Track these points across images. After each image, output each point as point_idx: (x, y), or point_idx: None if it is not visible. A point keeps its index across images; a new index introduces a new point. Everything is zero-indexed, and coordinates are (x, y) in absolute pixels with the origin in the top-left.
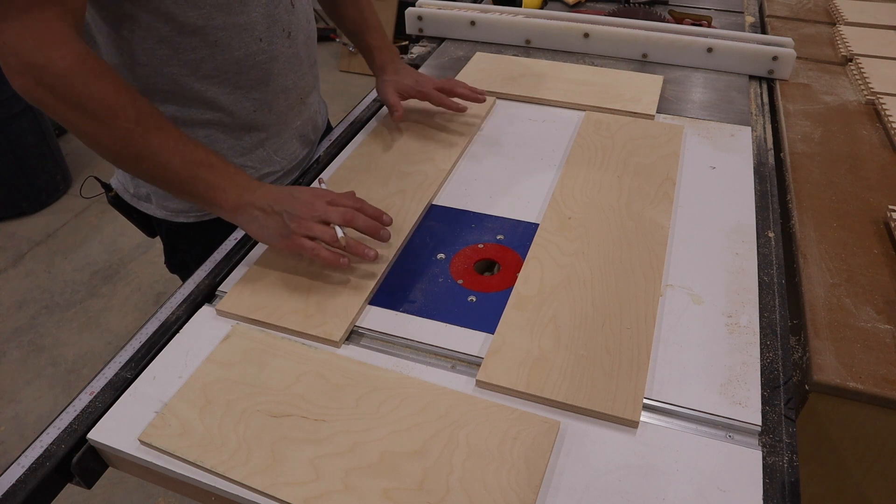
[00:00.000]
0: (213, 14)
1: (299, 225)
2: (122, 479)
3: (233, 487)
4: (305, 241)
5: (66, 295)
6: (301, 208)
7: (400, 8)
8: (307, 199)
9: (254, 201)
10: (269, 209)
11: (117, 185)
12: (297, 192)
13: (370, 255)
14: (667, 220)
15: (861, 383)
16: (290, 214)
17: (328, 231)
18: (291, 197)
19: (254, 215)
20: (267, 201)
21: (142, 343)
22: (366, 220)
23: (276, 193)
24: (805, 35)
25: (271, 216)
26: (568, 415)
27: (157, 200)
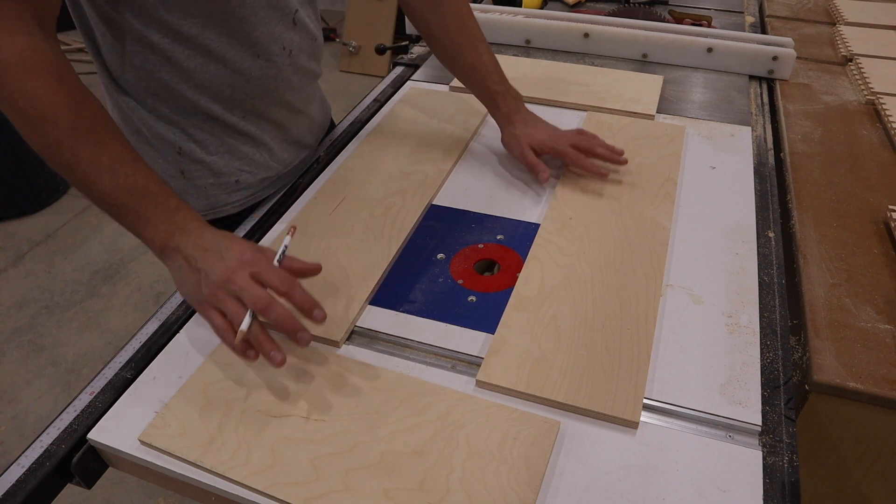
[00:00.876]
0: (207, 24)
1: (212, 294)
2: (122, 479)
3: (233, 487)
4: (215, 314)
5: (66, 295)
6: (220, 275)
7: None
8: (231, 266)
9: (182, 247)
10: (193, 262)
11: None
12: (227, 252)
13: (275, 359)
14: (668, 220)
15: (861, 383)
16: (208, 278)
17: (238, 313)
18: (219, 256)
19: (178, 263)
20: (194, 252)
21: (142, 343)
22: (282, 314)
23: (205, 245)
24: (805, 35)
25: (192, 271)
26: (568, 415)
27: None
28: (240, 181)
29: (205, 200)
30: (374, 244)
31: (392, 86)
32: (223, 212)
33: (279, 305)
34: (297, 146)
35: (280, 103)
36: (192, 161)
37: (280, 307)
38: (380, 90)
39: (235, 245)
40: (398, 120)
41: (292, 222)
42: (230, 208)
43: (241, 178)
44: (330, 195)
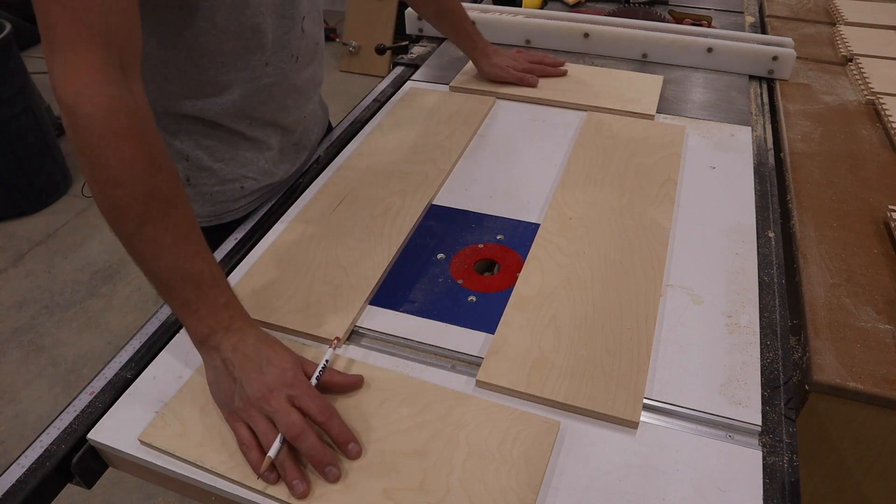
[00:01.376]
0: (224, 40)
1: (245, 409)
2: (122, 479)
3: (233, 487)
4: (242, 428)
5: (66, 295)
6: (256, 391)
7: (400, 8)
8: (269, 384)
9: (222, 348)
10: (231, 368)
11: None
12: (268, 366)
13: (297, 490)
14: (668, 220)
15: (861, 383)
16: (244, 391)
17: (267, 434)
18: (258, 369)
19: (215, 363)
20: (233, 357)
21: (142, 343)
22: (314, 445)
23: (247, 352)
24: (805, 35)
25: (227, 377)
26: (568, 415)
27: None
28: (244, 187)
29: (209, 207)
30: (374, 244)
31: (392, 86)
32: (227, 217)
33: (312, 435)
34: (298, 150)
35: (285, 109)
36: (199, 168)
37: (313, 437)
38: (380, 90)
39: (277, 359)
40: (398, 120)
41: (293, 222)
42: (234, 214)
43: (245, 185)
44: (330, 195)
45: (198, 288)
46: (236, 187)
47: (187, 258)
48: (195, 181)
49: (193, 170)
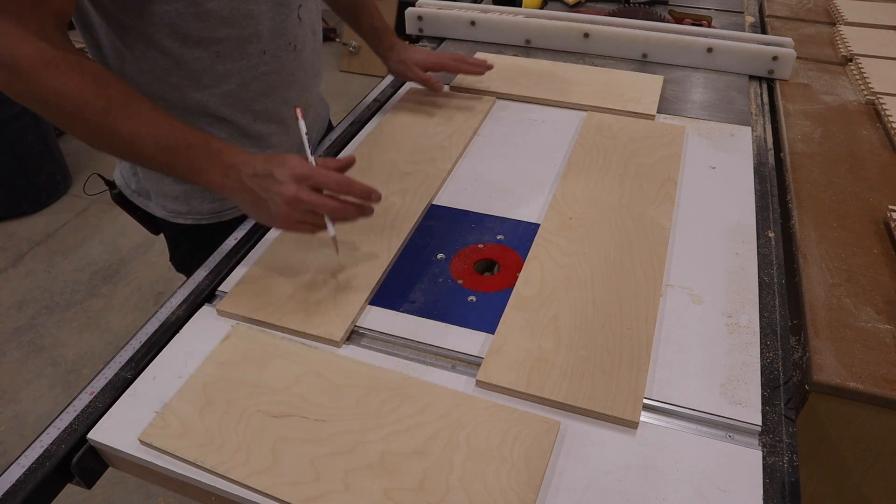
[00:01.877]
0: (217, 27)
1: (288, 216)
2: (122, 479)
3: (233, 487)
4: (301, 227)
5: (66, 295)
6: (286, 198)
7: (400, 8)
8: (291, 188)
9: (241, 183)
10: (256, 194)
11: (120, 182)
12: (280, 175)
13: (374, 199)
14: (668, 220)
15: (861, 383)
16: (276, 204)
17: (318, 223)
18: (275, 181)
19: (243, 198)
20: (251, 184)
21: (142, 343)
22: (352, 208)
23: (258, 173)
24: (805, 35)
25: (259, 201)
26: (568, 415)
27: (156, 200)
28: None
29: (210, 204)
30: (374, 244)
31: (392, 86)
32: (228, 215)
33: (347, 203)
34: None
35: (286, 102)
36: None
37: (348, 204)
38: (380, 90)
39: (283, 166)
40: (398, 120)
41: None
42: (235, 211)
43: None
44: None
45: (189, 150)
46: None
47: (168, 135)
48: None
49: None
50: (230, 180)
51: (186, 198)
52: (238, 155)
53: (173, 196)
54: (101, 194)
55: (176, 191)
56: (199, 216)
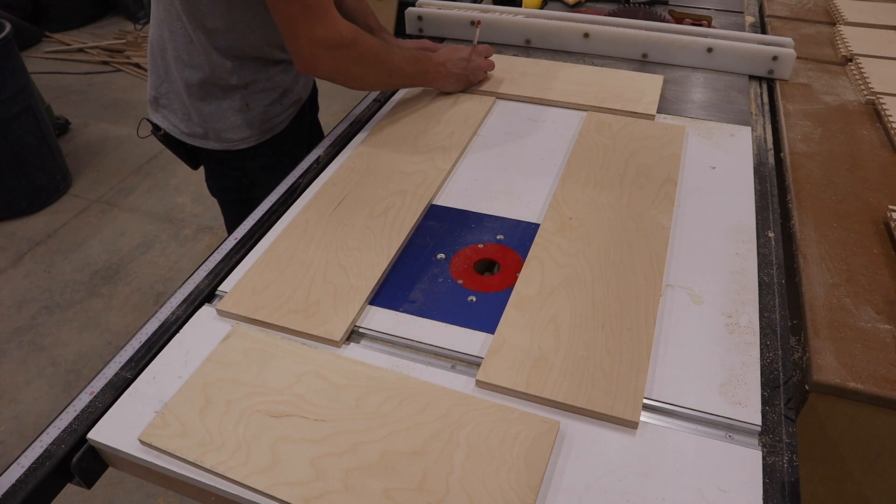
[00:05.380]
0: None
1: (468, 81)
2: (122, 479)
3: (233, 487)
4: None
5: (66, 295)
6: (464, 78)
7: (400, 8)
8: (463, 73)
9: (447, 72)
10: (453, 78)
11: (168, 127)
12: (457, 69)
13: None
14: (668, 220)
15: (861, 383)
16: (463, 78)
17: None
18: (457, 64)
19: (449, 81)
20: (450, 68)
21: (142, 343)
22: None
23: (449, 69)
24: (805, 35)
25: (456, 79)
26: (568, 415)
27: (215, 135)
28: (283, 102)
29: (260, 126)
30: (374, 244)
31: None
32: (272, 132)
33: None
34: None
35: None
36: (255, 92)
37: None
38: (380, 90)
39: (458, 61)
40: (398, 120)
41: (293, 222)
42: (278, 127)
43: (284, 100)
44: (330, 195)
45: (419, 63)
46: (278, 109)
47: (407, 57)
48: (253, 105)
49: (251, 95)
50: (442, 75)
51: (242, 128)
52: (438, 57)
53: (232, 127)
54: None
55: (234, 122)
56: (250, 139)
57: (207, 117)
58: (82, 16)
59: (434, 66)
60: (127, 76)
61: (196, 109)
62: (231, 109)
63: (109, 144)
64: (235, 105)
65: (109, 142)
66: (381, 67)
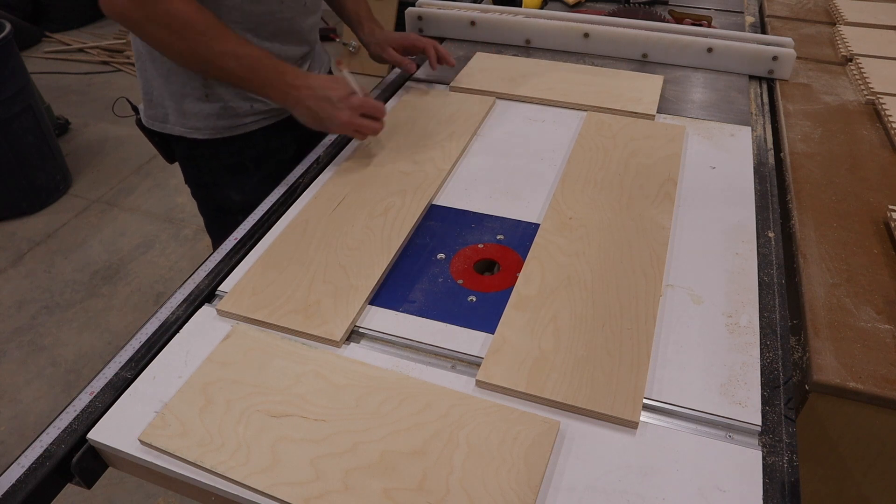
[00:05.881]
0: None
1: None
2: (122, 479)
3: (233, 487)
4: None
5: (66, 295)
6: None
7: (400, 8)
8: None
9: (301, 101)
10: (315, 112)
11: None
12: (338, 101)
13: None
14: (668, 220)
15: (861, 383)
16: (333, 123)
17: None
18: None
19: (303, 112)
20: (312, 105)
21: (142, 343)
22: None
23: (317, 96)
24: (805, 35)
25: (318, 119)
26: (568, 415)
27: (174, 119)
28: (254, 106)
29: (225, 120)
30: (374, 244)
31: (392, 86)
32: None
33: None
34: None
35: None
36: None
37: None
38: (380, 90)
39: (340, 94)
40: (398, 120)
41: (293, 221)
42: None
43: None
44: (330, 195)
45: (262, 69)
46: (246, 106)
47: (248, 54)
48: (213, 96)
49: (216, 83)
50: (291, 98)
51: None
52: (299, 78)
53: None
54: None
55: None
56: (214, 131)
57: (168, 98)
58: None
59: (287, 85)
60: (127, 76)
61: (158, 89)
62: (192, 96)
63: (109, 144)
64: (196, 92)
65: (109, 142)
66: (192, 43)
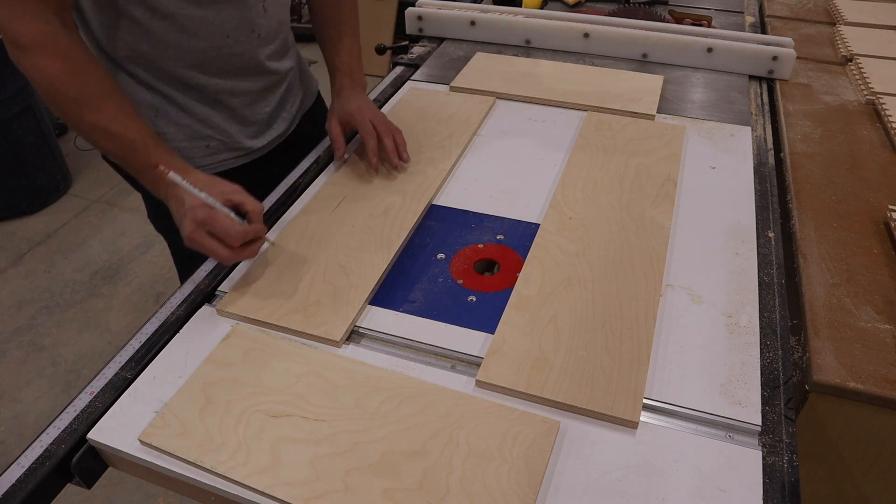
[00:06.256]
0: (183, 5)
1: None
2: (122, 479)
3: (233, 487)
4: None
5: (66, 295)
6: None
7: (400, 8)
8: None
9: (166, 199)
10: (175, 214)
11: None
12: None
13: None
14: (668, 220)
15: (861, 383)
16: (183, 233)
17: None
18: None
19: (169, 207)
20: (174, 208)
21: (142, 343)
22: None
23: (177, 195)
24: (805, 35)
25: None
26: (568, 415)
27: None
28: (210, 146)
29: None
30: (374, 244)
31: (392, 86)
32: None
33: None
34: (270, 122)
35: (251, 78)
36: (169, 123)
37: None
38: (380, 90)
39: (193, 201)
40: (398, 120)
41: (293, 221)
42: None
43: (211, 144)
44: (330, 195)
45: (135, 154)
46: (202, 145)
47: (120, 133)
48: (166, 136)
49: (164, 125)
50: (161, 193)
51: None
52: (165, 181)
53: None
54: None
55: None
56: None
57: None
58: None
59: (157, 177)
60: None
61: None
62: None
63: None
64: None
65: None
66: (62, 109)
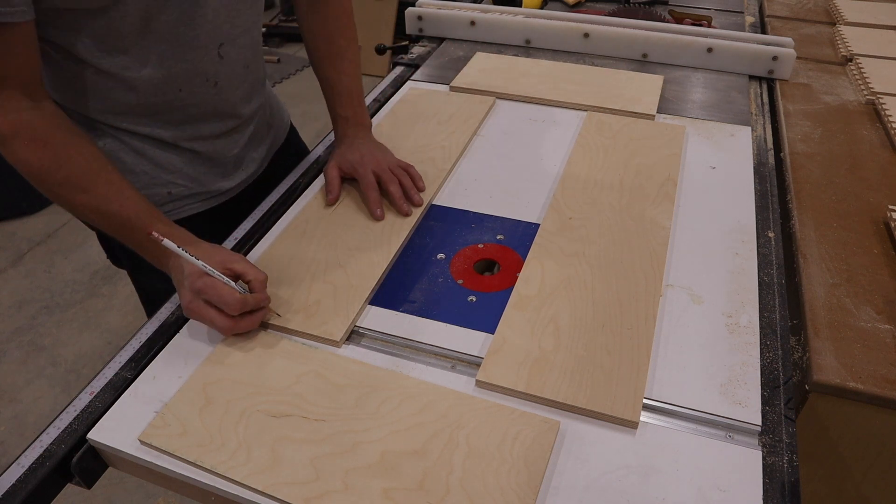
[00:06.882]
0: (128, 65)
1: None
2: (122, 479)
3: (233, 487)
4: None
5: (66, 295)
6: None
7: (400, 8)
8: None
9: (170, 273)
10: (176, 286)
11: None
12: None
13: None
14: (668, 220)
15: (861, 383)
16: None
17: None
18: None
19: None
20: (171, 274)
21: (142, 343)
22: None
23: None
24: (805, 35)
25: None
26: (568, 415)
27: None
28: (172, 192)
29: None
30: (374, 244)
31: (392, 86)
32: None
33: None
34: (237, 165)
35: (205, 126)
36: (125, 171)
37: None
38: (380, 90)
39: (192, 269)
40: (398, 120)
41: (293, 221)
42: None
43: (173, 191)
44: None
45: (131, 232)
46: (163, 192)
47: (114, 213)
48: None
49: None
50: (164, 266)
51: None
52: (163, 255)
53: None
54: None
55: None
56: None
57: None
58: None
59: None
60: None
61: None
62: None
63: None
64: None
65: None
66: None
